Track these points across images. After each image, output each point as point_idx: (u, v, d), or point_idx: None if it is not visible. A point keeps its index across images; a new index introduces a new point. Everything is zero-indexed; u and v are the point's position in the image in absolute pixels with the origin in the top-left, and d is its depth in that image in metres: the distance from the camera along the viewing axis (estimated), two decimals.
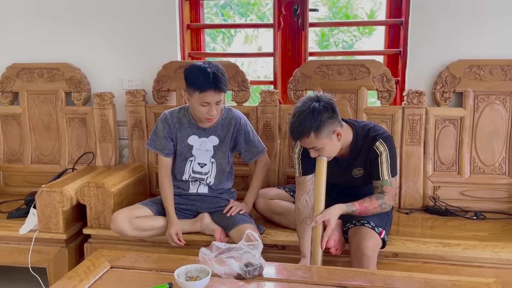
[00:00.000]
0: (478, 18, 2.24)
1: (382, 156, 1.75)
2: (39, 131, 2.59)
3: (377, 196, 1.76)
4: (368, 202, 1.74)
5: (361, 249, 1.68)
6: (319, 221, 1.66)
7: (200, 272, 1.46)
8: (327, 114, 1.67)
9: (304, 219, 1.82)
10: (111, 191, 2.06)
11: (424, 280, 1.46)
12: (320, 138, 1.68)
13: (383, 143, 1.76)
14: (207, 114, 1.90)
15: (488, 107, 2.24)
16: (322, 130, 1.67)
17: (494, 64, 2.21)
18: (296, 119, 1.69)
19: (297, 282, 1.47)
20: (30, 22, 2.59)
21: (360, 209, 1.73)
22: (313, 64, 2.34)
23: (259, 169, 2.09)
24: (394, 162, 1.78)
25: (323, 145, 1.70)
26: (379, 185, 1.78)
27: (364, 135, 1.80)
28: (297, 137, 1.73)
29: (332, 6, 4.69)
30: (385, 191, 1.77)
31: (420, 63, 2.33)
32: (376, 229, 1.74)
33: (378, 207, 1.75)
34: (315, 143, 1.69)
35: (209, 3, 3.88)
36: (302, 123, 1.67)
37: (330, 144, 1.71)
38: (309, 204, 1.84)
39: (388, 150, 1.76)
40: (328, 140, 1.70)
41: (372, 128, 1.81)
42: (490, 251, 1.81)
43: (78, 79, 2.52)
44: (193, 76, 1.86)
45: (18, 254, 2.11)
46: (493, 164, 2.26)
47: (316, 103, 1.68)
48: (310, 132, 1.66)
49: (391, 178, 1.77)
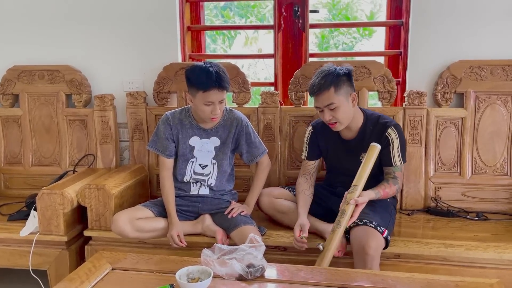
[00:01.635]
0: (478, 19, 2.24)
1: (394, 144, 1.87)
2: (39, 133, 2.59)
3: (393, 181, 1.87)
4: (389, 187, 1.85)
5: (364, 249, 1.67)
6: (360, 201, 1.73)
7: (202, 274, 1.46)
8: (346, 77, 1.83)
9: (303, 190, 2.00)
10: (112, 193, 2.06)
11: (427, 281, 1.46)
12: (338, 95, 1.81)
13: (394, 130, 1.87)
14: (211, 114, 1.91)
15: (489, 108, 2.23)
16: (342, 88, 1.81)
17: (495, 65, 2.21)
18: (318, 75, 1.84)
19: (299, 283, 1.47)
20: (30, 25, 2.59)
21: (383, 194, 1.83)
22: (313, 65, 2.33)
23: (260, 171, 2.09)
24: (404, 149, 1.91)
25: (340, 103, 1.81)
26: (391, 171, 1.89)
27: (374, 121, 1.92)
28: (318, 89, 1.82)
29: (332, 9, 4.69)
30: (397, 176, 1.88)
31: (420, 64, 2.33)
32: (378, 229, 1.73)
33: (395, 191, 1.88)
34: (333, 98, 1.80)
35: (209, 5, 3.88)
36: (324, 77, 1.81)
37: (345, 105, 1.84)
38: (309, 181, 2.03)
39: (399, 138, 1.88)
40: (345, 99, 1.83)
41: (382, 116, 1.94)
42: (493, 252, 1.80)
43: (78, 81, 2.52)
44: (195, 76, 1.86)
45: (19, 256, 2.11)
46: (495, 165, 2.25)
47: (338, 67, 1.85)
48: (330, 87, 1.80)
49: (402, 164, 1.90)
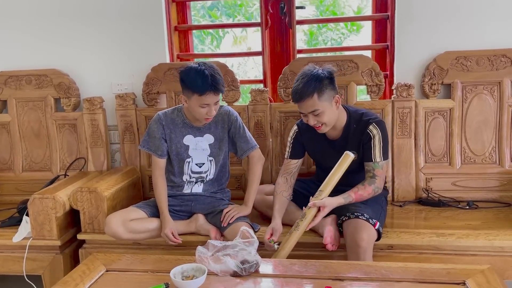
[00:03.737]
0: (463, 10, 2.26)
1: (375, 139, 1.83)
2: (29, 138, 2.58)
3: (369, 181, 1.83)
4: (362, 189, 1.81)
5: (356, 241, 1.69)
6: (317, 204, 1.73)
7: (196, 271, 1.46)
8: (328, 80, 1.79)
9: (281, 191, 1.96)
10: (104, 195, 2.05)
11: (419, 269, 1.47)
12: (322, 101, 1.78)
13: (376, 127, 1.84)
14: (206, 115, 1.92)
15: (476, 98, 2.26)
16: (324, 93, 1.78)
17: (480, 55, 2.23)
18: (300, 82, 1.80)
19: (293, 277, 1.48)
20: (16, 29, 2.57)
21: (356, 197, 1.80)
22: (301, 61, 2.35)
23: (253, 165, 2.05)
24: (386, 146, 1.86)
25: (324, 108, 1.79)
26: (371, 168, 1.84)
27: (357, 119, 1.89)
28: (300, 98, 1.79)
29: (319, 5, 4.71)
30: (376, 174, 1.83)
31: (407, 57, 2.35)
32: (370, 221, 1.75)
33: (371, 192, 1.82)
34: (317, 105, 1.78)
35: (196, 5, 3.88)
36: (306, 84, 1.77)
37: (330, 109, 1.81)
38: (289, 182, 1.98)
39: (381, 134, 1.84)
40: (329, 104, 1.81)
41: (365, 113, 1.90)
42: (484, 239, 1.82)
43: (66, 84, 2.51)
44: (191, 80, 1.85)
45: (13, 262, 2.10)
46: (484, 154, 2.28)
47: (319, 69, 1.81)
48: (313, 93, 1.76)
49: (382, 161, 1.84)
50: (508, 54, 2.21)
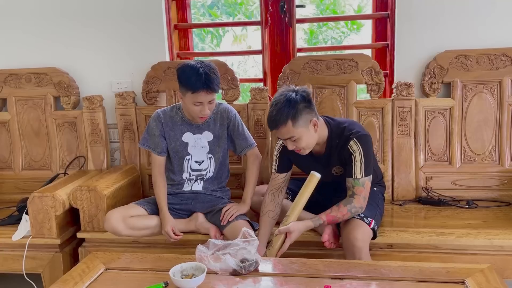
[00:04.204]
0: (463, 9, 2.26)
1: (356, 155, 1.73)
2: (29, 137, 2.57)
3: (346, 202, 1.73)
4: (336, 211, 1.72)
5: (351, 241, 1.69)
6: (282, 231, 1.70)
7: (196, 270, 1.46)
8: (303, 104, 1.69)
9: (268, 212, 1.86)
10: (104, 194, 2.05)
11: (419, 268, 1.47)
12: (297, 127, 1.68)
13: (356, 142, 1.73)
14: (200, 113, 1.92)
15: (476, 97, 2.26)
16: (299, 119, 1.68)
17: (480, 54, 2.23)
18: (273, 108, 1.70)
19: (293, 276, 1.48)
20: (16, 28, 2.57)
21: (328, 219, 1.73)
22: (301, 60, 2.35)
23: (250, 163, 2.07)
24: (368, 162, 1.74)
25: (300, 134, 1.70)
26: (350, 185, 1.75)
27: (339, 134, 1.79)
28: (274, 126, 1.71)
29: (319, 4, 4.70)
30: (355, 192, 1.73)
31: (407, 55, 2.34)
32: (365, 220, 1.74)
33: (347, 213, 1.72)
34: (292, 132, 1.69)
35: (196, 3, 3.88)
36: (279, 111, 1.67)
37: (307, 134, 1.72)
38: (276, 200, 1.88)
39: (362, 149, 1.73)
40: (305, 129, 1.70)
41: (348, 126, 1.79)
42: (483, 238, 1.82)
43: (66, 83, 2.50)
44: (185, 76, 1.86)
45: (12, 261, 2.10)
46: (483, 153, 2.28)
47: (293, 93, 1.70)
48: (287, 120, 1.67)
49: (364, 177, 1.73)
50: (508, 53, 2.20)
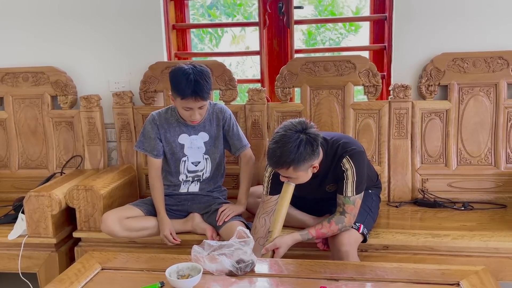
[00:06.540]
0: (460, 12, 2.27)
1: (348, 172, 1.71)
2: (25, 136, 2.57)
3: (337, 220, 1.71)
4: (327, 227, 1.71)
5: (337, 246, 1.69)
6: (269, 249, 1.66)
7: (192, 270, 1.46)
8: (310, 149, 1.62)
9: (258, 239, 1.78)
10: (100, 193, 2.05)
11: (414, 270, 1.48)
12: (297, 171, 1.64)
13: (349, 160, 1.71)
14: (190, 118, 1.92)
15: (473, 99, 2.27)
16: (302, 165, 1.63)
17: (477, 56, 2.24)
18: (278, 148, 1.60)
19: (289, 277, 1.48)
20: (13, 27, 2.56)
21: (316, 235, 1.72)
22: (299, 61, 2.35)
23: (243, 164, 2.08)
24: (360, 179, 1.72)
25: (298, 176, 1.67)
26: (341, 202, 1.73)
27: (333, 154, 1.76)
28: (275, 166, 1.65)
29: (318, 5, 4.71)
30: (346, 210, 1.72)
31: (405, 57, 2.35)
32: (353, 226, 1.75)
33: (336, 230, 1.71)
34: (291, 174, 1.66)
35: (195, 4, 3.89)
36: (284, 154, 1.59)
37: (304, 175, 1.69)
38: (267, 224, 1.81)
39: (355, 167, 1.71)
40: (304, 173, 1.67)
41: (342, 144, 1.76)
42: (479, 240, 1.83)
43: (63, 82, 2.50)
44: (176, 81, 1.86)
45: (8, 260, 2.09)
46: (479, 155, 2.28)
47: (303, 135, 1.61)
48: (290, 166, 1.61)
49: (355, 195, 1.72)
50: (504, 56, 2.21)
